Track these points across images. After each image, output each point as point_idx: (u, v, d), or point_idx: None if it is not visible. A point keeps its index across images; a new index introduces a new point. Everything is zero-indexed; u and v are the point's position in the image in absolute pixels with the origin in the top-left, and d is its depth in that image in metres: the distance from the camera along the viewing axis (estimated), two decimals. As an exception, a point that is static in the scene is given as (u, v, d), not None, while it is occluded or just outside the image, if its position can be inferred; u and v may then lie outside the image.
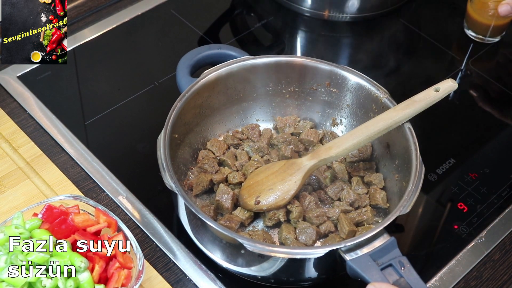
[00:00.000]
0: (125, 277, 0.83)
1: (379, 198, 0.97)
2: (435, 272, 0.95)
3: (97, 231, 0.87)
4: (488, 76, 1.25)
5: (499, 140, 1.16)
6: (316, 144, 1.05)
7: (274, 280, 0.90)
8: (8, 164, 1.03)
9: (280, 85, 1.08)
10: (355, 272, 0.81)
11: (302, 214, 0.95)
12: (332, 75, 1.05)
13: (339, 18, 1.32)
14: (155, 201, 1.02)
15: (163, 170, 0.89)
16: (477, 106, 1.20)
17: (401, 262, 0.81)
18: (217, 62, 1.04)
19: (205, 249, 0.92)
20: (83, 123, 1.13)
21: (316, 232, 0.94)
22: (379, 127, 0.94)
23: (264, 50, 1.30)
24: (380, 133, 0.94)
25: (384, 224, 0.84)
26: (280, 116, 1.09)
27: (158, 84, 1.20)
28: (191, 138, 1.03)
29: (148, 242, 0.97)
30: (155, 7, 1.33)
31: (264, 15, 1.35)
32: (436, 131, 1.15)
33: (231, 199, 0.96)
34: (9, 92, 1.15)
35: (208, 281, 0.93)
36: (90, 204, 0.90)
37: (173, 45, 1.28)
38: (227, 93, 1.06)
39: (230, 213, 0.96)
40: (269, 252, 0.83)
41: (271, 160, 1.03)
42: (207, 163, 1.01)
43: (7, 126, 1.09)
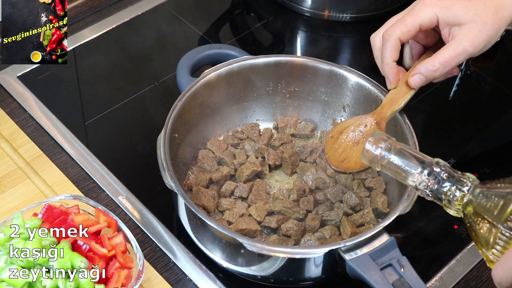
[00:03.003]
0: (125, 277, 0.83)
1: (379, 202, 0.97)
2: (435, 272, 0.95)
3: (97, 231, 0.87)
4: (488, 76, 1.25)
5: (499, 140, 1.16)
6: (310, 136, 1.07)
7: (274, 280, 0.90)
8: (8, 164, 1.03)
9: (280, 85, 1.08)
10: (354, 272, 0.81)
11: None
12: (332, 75, 1.05)
13: (339, 18, 1.33)
14: (155, 201, 1.02)
15: (163, 170, 0.89)
16: (477, 106, 1.20)
17: (400, 262, 0.81)
18: (217, 62, 1.04)
19: (205, 249, 0.92)
20: (83, 123, 1.13)
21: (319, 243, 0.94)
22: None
23: (264, 50, 1.30)
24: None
25: (384, 224, 0.84)
26: (282, 116, 1.09)
27: (158, 84, 1.20)
28: (191, 137, 1.03)
29: (148, 242, 0.97)
30: (155, 7, 1.33)
31: (264, 15, 1.35)
32: (436, 131, 1.15)
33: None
34: (9, 92, 1.15)
35: (208, 281, 0.93)
36: (90, 204, 0.90)
37: (173, 45, 1.28)
38: (227, 93, 1.06)
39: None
40: (269, 251, 0.83)
41: (267, 161, 1.03)
42: (207, 163, 1.02)
43: (7, 126, 1.09)
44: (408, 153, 0.81)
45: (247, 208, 0.98)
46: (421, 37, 0.95)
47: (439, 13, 0.89)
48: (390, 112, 0.93)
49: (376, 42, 0.95)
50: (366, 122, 0.93)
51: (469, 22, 0.88)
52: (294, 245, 0.93)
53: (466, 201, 0.77)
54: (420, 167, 0.79)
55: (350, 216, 0.97)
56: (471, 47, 0.87)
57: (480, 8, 0.88)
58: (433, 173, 0.79)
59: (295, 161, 1.04)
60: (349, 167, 0.91)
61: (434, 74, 0.90)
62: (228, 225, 0.95)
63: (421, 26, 0.90)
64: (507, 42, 1.31)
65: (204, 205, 0.97)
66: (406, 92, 0.93)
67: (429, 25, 0.90)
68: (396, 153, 0.81)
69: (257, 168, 1.02)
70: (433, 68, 0.89)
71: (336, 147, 0.93)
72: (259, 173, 1.03)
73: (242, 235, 0.90)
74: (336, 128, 0.95)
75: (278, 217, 0.96)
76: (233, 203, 0.98)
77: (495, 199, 0.74)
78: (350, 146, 0.93)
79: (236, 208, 0.97)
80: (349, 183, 1.01)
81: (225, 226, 0.94)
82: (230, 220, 0.96)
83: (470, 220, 0.77)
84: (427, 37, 0.95)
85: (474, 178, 0.78)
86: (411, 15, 0.90)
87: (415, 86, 0.92)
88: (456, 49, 0.88)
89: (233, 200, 0.99)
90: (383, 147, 0.81)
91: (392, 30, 0.91)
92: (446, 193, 0.78)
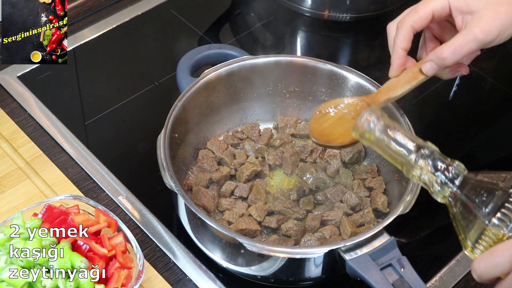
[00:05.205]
0: (125, 277, 0.83)
1: (379, 203, 0.97)
2: (435, 272, 0.95)
3: (97, 231, 0.87)
4: (488, 76, 1.25)
5: (499, 140, 1.16)
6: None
7: (274, 280, 0.90)
8: (8, 164, 1.03)
9: (280, 85, 1.08)
10: (354, 272, 0.81)
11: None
12: (332, 75, 1.05)
13: (339, 18, 1.32)
14: (155, 201, 1.02)
15: (163, 170, 0.89)
16: (477, 106, 1.20)
17: (401, 262, 0.81)
18: (217, 62, 1.04)
19: (205, 249, 0.92)
20: (83, 123, 1.13)
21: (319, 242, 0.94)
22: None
23: (264, 50, 1.30)
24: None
25: (383, 224, 0.84)
26: (282, 116, 1.09)
27: (158, 84, 1.20)
28: (191, 137, 1.03)
29: (148, 242, 0.97)
30: (155, 7, 1.33)
31: (264, 15, 1.35)
32: (436, 130, 1.15)
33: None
34: (9, 92, 1.15)
35: (208, 281, 0.93)
36: (90, 204, 0.90)
37: (173, 45, 1.28)
38: (227, 93, 1.06)
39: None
40: (269, 251, 0.83)
41: (267, 161, 1.03)
42: (207, 163, 1.02)
43: (7, 126, 1.09)
44: (399, 132, 0.80)
45: (247, 208, 0.98)
46: (436, 29, 0.94)
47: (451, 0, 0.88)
48: (385, 98, 0.92)
49: (391, 31, 0.94)
50: (357, 103, 0.93)
51: (481, 10, 0.86)
52: (294, 245, 0.94)
53: (454, 190, 0.77)
54: (411, 148, 0.79)
55: (350, 216, 0.97)
56: (481, 34, 0.85)
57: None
58: (422, 156, 0.78)
59: (295, 161, 1.04)
60: (329, 140, 0.91)
61: (444, 62, 0.88)
62: (228, 225, 0.95)
63: (434, 13, 0.89)
64: (507, 42, 1.30)
65: (204, 205, 0.97)
66: (406, 82, 0.92)
67: (441, 12, 0.89)
68: (389, 130, 0.80)
69: (257, 168, 1.02)
70: (442, 55, 0.87)
71: (321, 122, 0.93)
72: (259, 173, 1.03)
73: (242, 235, 0.90)
74: (326, 104, 0.94)
75: (278, 217, 0.96)
76: (233, 203, 0.98)
77: (484, 194, 0.74)
78: (335, 121, 0.92)
79: (236, 208, 0.97)
80: (349, 183, 1.01)
81: (225, 226, 0.94)
82: (230, 220, 0.96)
83: (455, 208, 0.76)
84: (443, 30, 0.94)
85: (463, 167, 0.78)
86: (423, 3, 0.90)
87: (427, 73, 0.91)
88: (466, 36, 0.86)
89: (233, 200, 0.99)
90: (375, 122, 0.81)
91: (405, 18, 0.90)
92: (434, 179, 0.78)
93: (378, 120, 0.81)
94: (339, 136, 0.91)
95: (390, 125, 0.81)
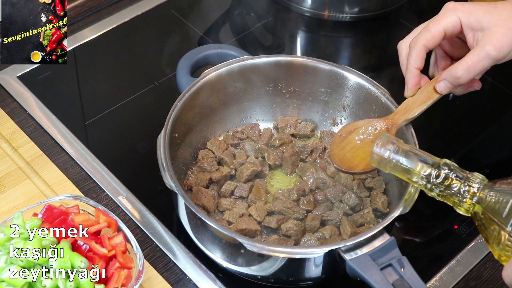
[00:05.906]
0: (125, 277, 0.83)
1: (379, 203, 0.97)
2: (435, 272, 0.95)
3: (97, 231, 0.87)
4: (488, 76, 1.25)
5: (499, 140, 1.16)
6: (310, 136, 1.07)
7: (274, 280, 0.90)
8: (8, 164, 1.03)
9: (280, 85, 1.08)
10: (354, 272, 0.81)
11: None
12: (332, 75, 1.05)
13: (339, 18, 1.32)
14: (155, 201, 1.02)
15: (163, 170, 0.89)
16: (477, 106, 1.20)
17: (401, 262, 0.81)
18: (217, 62, 1.04)
19: (205, 249, 0.92)
20: (83, 123, 1.13)
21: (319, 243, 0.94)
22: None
23: (264, 50, 1.30)
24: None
25: (383, 224, 0.84)
26: (282, 116, 1.09)
27: (158, 84, 1.20)
28: (191, 137, 1.03)
29: (148, 242, 0.97)
30: (155, 7, 1.33)
31: (264, 15, 1.35)
32: (436, 131, 1.15)
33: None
34: (9, 92, 1.15)
35: (208, 281, 0.93)
36: (90, 204, 0.90)
37: (173, 45, 1.28)
38: (227, 93, 1.06)
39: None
40: (269, 251, 0.83)
41: (267, 161, 1.03)
42: (207, 163, 1.02)
43: (7, 126, 1.09)
44: (416, 154, 0.82)
45: (247, 208, 0.98)
46: (447, 46, 0.95)
47: (462, 17, 0.88)
48: (402, 120, 0.93)
49: (402, 49, 0.95)
50: (377, 126, 0.93)
51: (492, 27, 0.87)
52: (294, 245, 0.94)
53: (475, 201, 0.78)
54: (428, 168, 0.80)
55: (350, 216, 0.97)
56: (494, 51, 0.86)
57: (504, 14, 0.87)
58: (442, 174, 0.79)
59: (295, 161, 1.04)
60: (352, 167, 0.91)
61: (458, 81, 0.89)
62: (228, 225, 0.95)
63: (445, 31, 0.89)
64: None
65: (204, 205, 0.97)
66: (422, 102, 0.93)
67: (453, 30, 0.89)
68: (404, 155, 0.82)
69: (257, 168, 1.02)
70: (457, 75, 0.88)
71: (342, 146, 0.93)
72: (259, 173, 1.03)
73: (242, 235, 0.90)
74: (346, 127, 0.95)
75: (278, 217, 0.96)
76: (233, 203, 0.98)
77: (503, 200, 0.74)
78: (356, 147, 0.93)
79: (236, 208, 0.98)
80: (349, 183, 1.01)
81: (225, 226, 0.94)
82: (230, 220, 0.96)
83: (480, 219, 0.77)
84: (454, 47, 0.95)
85: (482, 177, 0.79)
86: (435, 21, 0.90)
87: (441, 92, 0.92)
88: (479, 54, 0.87)
89: (233, 200, 0.99)
90: (391, 149, 0.82)
91: (418, 38, 0.91)
92: (455, 194, 0.79)
93: (392, 147, 0.82)
94: (361, 162, 0.91)
95: (405, 150, 0.82)
